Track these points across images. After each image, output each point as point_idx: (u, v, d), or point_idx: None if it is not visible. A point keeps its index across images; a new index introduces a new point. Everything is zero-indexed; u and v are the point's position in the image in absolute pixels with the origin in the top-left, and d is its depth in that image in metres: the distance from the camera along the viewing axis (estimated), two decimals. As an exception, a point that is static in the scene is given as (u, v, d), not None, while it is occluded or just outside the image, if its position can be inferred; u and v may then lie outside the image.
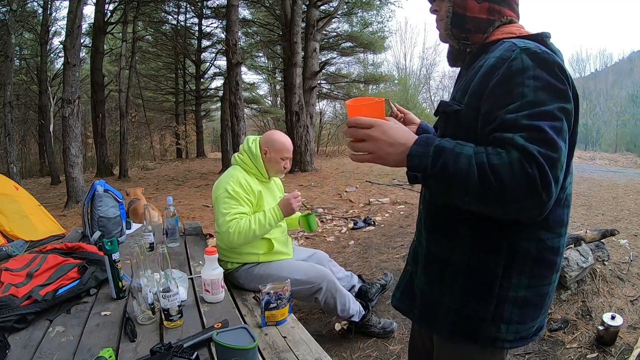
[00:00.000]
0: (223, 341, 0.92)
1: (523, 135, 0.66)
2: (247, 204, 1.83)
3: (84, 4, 7.22)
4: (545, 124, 0.67)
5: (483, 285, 0.83)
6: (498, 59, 0.75)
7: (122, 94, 10.98)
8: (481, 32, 0.87)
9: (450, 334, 0.88)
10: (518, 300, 0.82)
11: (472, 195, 0.69)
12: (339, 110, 17.88)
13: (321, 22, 10.17)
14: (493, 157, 0.67)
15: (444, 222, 0.87)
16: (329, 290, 1.88)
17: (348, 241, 3.93)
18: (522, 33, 0.84)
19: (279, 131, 2.04)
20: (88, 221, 2.01)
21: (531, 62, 0.71)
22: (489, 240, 0.81)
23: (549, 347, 1.96)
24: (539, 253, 0.81)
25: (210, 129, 24.83)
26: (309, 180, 7.83)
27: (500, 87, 0.72)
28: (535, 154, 0.64)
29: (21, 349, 1.05)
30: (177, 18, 15.85)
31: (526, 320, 0.84)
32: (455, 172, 0.68)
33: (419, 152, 0.73)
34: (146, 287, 1.17)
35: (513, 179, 0.65)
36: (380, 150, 0.75)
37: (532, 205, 0.66)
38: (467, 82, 0.82)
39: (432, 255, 0.91)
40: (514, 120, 0.68)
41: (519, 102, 0.69)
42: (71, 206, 6.18)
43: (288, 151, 1.95)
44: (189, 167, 13.00)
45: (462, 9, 0.86)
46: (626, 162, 11.83)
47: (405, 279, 1.03)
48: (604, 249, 2.58)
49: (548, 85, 0.70)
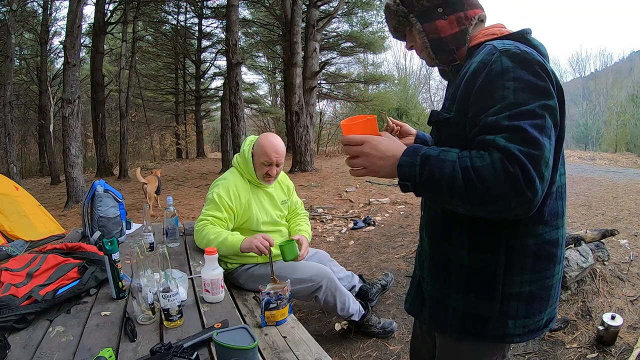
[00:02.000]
0: (223, 341, 0.92)
1: (504, 136, 0.68)
2: (227, 210, 1.81)
3: (84, 4, 7.22)
4: (526, 123, 0.68)
5: (486, 285, 0.84)
6: (480, 63, 0.77)
7: (122, 94, 10.98)
8: (462, 44, 0.88)
9: (460, 333, 0.90)
10: (523, 295, 0.83)
11: (458, 198, 0.71)
12: (339, 110, 17.89)
13: (321, 22, 10.17)
14: (476, 160, 0.69)
15: (443, 227, 0.90)
16: (329, 289, 1.88)
17: (348, 241, 3.93)
18: (503, 33, 0.86)
19: (272, 134, 1.95)
20: (88, 221, 2.01)
21: (511, 64, 0.73)
22: (487, 241, 0.83)
23: (549, 347, 1.96)
24: (538, 247, 0.82)
25: (210, 129, 24.82)
26: (309, 180, 7.83)
27: (483, 91, 0.75)
28: (517, 153, 0.66)
29: (21, 349, 1.05)
30: (177, 18, 15.86)
31: (534, 314, 0.85)
32: (441, 178, 0.71)
33: (407, 162, 0.76)
34: (146, 287, 1.17)
35: (496, 179, 0.66)
36: (373, 165, 0.79)
37: (518, 203, 0.67)
38: (455, 90, 0.84)
39: (436, 259, 0.94)
40: (495, 122, 0.70)
41: (500, 104, 0.71)
42: (71, 206, 6.18)
43: (268, 155, 1.81)
44: (189, 167, 13.00)
45: (436, 34, 0.88)
46: (626, 162, 11.81)
47: (414, 283, 1.06)
48: (604, 249, 2.58)
49: (528, 84, 0.71)
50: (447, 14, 0.87)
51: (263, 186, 1.94)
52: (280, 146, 1.86)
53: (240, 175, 1.91)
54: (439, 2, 0.87)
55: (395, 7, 0.90)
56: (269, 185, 1.97)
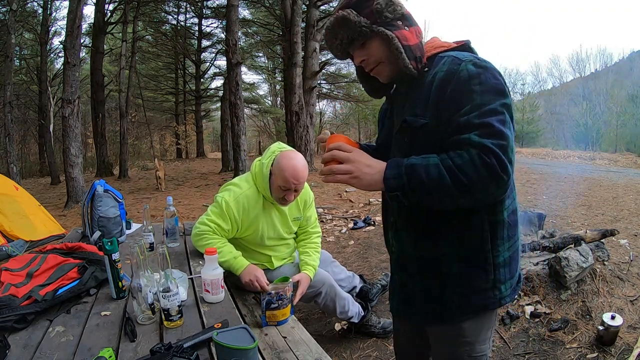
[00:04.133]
0: (223, 341, 0.92)
1: (477, 133, 0.79)
2: (232, 222, 1.69)
3: (84, 4, 7.22)
4: (493, 119, 0.80)
5: (479, 264, 0.94)
6: (447, 72, 0.86)
7: (122, 94, 10.98)
8: (424, 54, 0.94)
9: (462, 316, 0.98)
10: (506, 261, 0.96)
11: (448, 196, 0.80)
12: (339, 111, 17.88)
13: (321, 22, 10.16)
14: (456, 159, 0.79)
15: (427, 223, 0.96)
16: (329, 295, 1.88)
17: (348, 241, 3.94)
18: (450, 45, 0.96)
19: (296, 154, 1.71)
20: (88, 221, 2.01)
21: (475, 71, 0.84)
22: (471, 225, 0.92)
23: (549, 347, 1.96)
24: (508, 218, 0.95)
25: (210, 129, 24.82)
26: (309, 180, 7.83)
27: (454, 95, 0.85)
28: (490, 146, 0.77)
29: (21, 349, 1.05)
30: (177, 18, 15.87)
31: (513, 274, 1.00)
32: (430, 182, 0.80)
33: (393, 175, 0.84)
34: (146, 287, 1.17)
35: (477, 171, 0.78)
36: (358, 170, 0.86)
37: (497, 186, 0.80)
38: (423, 97, 0.90)
39: (423, 256, 0.99)
40: (466, 121, 0.81)
41: (469, 105, 0.82)
42: (71, 206, 6.18)
43: (287, 181, 1.62)
44: (189, 167, 13.01)
45: (406, 41, 0.91)
46: (626, 162, 11.82)
47: (396, 287, 1.11)
48: (604, 249, 2.58)
49: (491, 87, 0.83)
50: (407, 26, 0.93)
51: (277, 204, 1.78)
52: (302, 171, 1.65)
53: (255, 187, 1.75)
54: (399, 16, 0.91)
55: (356, 18, 0.89)
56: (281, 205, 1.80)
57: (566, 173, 8.16)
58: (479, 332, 1.02)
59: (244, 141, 8.35)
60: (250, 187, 1.74)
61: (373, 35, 0.91)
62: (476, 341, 1.02)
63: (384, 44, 0.90)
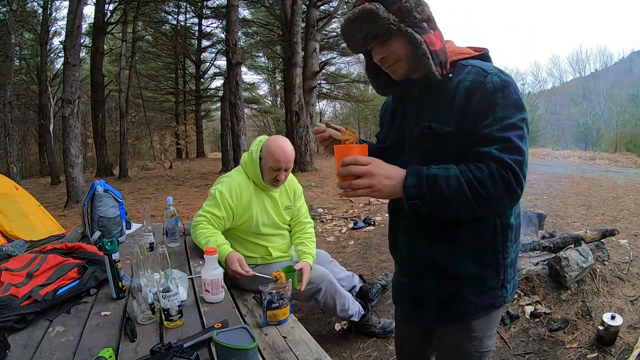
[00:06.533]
0: (223, 341, 0.92)
1: (497, 148, 0.82)
2: (226, 209, 1.79)
3: (84, 4, 7.22)
4: (513, 134, 0.83)
5: (492, 265, 0.98)
6: (473, 82, 0.88)
7: (122, 94, 10.98)
8: (447, 59, 0.92)
9: (476, 314, 1.02)
10: (512, 262, 1.01)
11: (467, 206, 0.83)
12: (339, 110, 17.88)
13: (321, 22, 10.17)
14: (476, 172, 0.82)
15: (443, 228, 0.97)
16: (329, 291, 1.88)
17: (348, 241, 3.94)
18: (470, 53, 0.96)
19: (282, 138, 1.87)
20: (88, 221, 2.01)
21: (500, 84, 0.86)
22: (486, 229, 0.95)
23: (549, 347, 1.96)
24: (515, 220, 0.99)
25: (210, 129, 24.82)
26: (309, 180, 7.83)
27: (478, 106, 0.86)
28: (508, 161, 0.81)
29: (21, 349, 1.05)
30: (177, 18, 15.86)
31: (515, 274, 1.05)
32: (450, 193, 0.82)
33: (414, 183, 0.84)
34: (146, 287, 1.17)
35: (495, 185, 0.81)
36: (379, 184, 0.84)
37: (511, 200, 0.84)
38: (447, 104, 0.90)
39: (439, 261, 1.00)
40: (489, 134, 0.84)
41: (492, 117, 0.84)
42: (71, 206, 6.18)
43: (278, 161, 1.76)
44: (189, 167, 13.01)
45: (432, 45, 0.89)
46: (626, 162, 11.82)
47: (405, 291, 1.13)
48: (604, 249, 2.58)
49: (512, 101, 0.85)
50: (432, 29, 0.90)
51: (267, 190, 1.89)
52: (290, 151, 1.80)
53: (245, 175, 1.87)
54: (425, 17, 0.89)
55: (385, 14, 0.86)
56: (274, 190, 1.92)
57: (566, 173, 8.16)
58: (487, 328, 1.05)
59: (244, 141, 8.35)
60: (240, 175, 1.88)
61: (399, 35, 0.88)
62: (484, 337, 1.05)
63: (409, 45, 0.88)
